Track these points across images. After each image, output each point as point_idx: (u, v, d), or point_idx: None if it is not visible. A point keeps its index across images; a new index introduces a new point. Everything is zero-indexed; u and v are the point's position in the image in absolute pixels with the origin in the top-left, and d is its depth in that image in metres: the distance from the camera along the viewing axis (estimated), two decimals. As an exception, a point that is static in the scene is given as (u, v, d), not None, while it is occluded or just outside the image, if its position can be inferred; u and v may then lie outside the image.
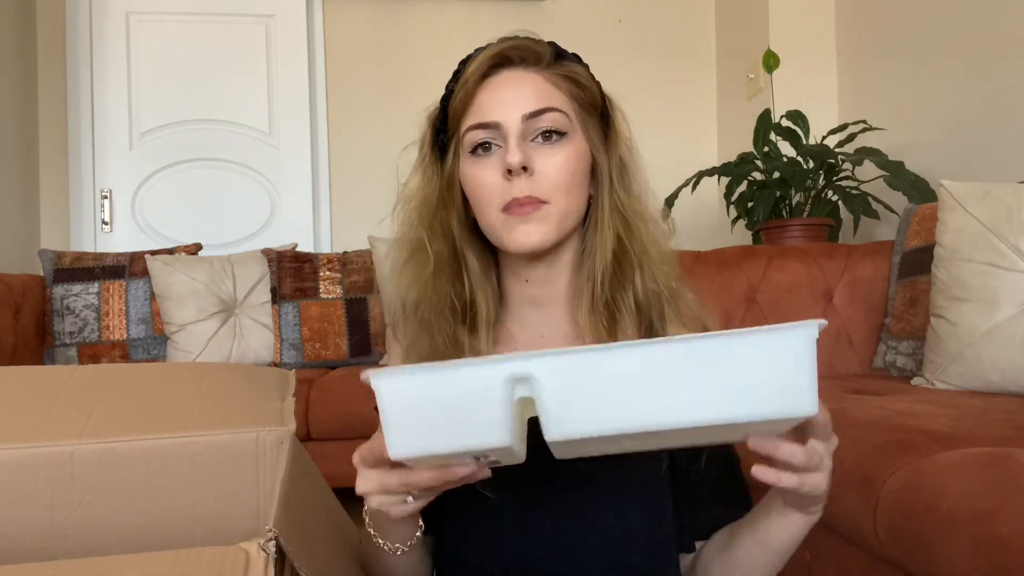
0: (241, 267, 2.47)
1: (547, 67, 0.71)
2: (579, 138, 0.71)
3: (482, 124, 0.69)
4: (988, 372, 1.39)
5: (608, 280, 0.72)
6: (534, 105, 0.68)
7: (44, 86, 2.96)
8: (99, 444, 0.69)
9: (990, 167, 2.03)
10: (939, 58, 2.25)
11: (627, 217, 0.72)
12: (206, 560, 0.46)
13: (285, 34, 3.11)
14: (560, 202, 0.69)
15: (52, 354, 2.34)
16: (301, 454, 0.74)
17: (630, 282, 0.72)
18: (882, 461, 1.00)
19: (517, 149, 0.67)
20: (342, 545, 0.73)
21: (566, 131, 0.69)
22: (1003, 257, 1.40)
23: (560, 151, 0.69)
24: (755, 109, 2.68)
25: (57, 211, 2.98)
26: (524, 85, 0.69)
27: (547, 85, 0.70)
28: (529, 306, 0.76)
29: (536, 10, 3.16)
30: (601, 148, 0.73)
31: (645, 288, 0.72)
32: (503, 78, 0.70)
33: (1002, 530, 0.77)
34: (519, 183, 0.67)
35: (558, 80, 0.71)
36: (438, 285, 0.73)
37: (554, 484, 0.70)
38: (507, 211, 0.68)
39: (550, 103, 0.69)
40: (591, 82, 0.73)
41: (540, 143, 0.69)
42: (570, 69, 0.72)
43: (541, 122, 0.68)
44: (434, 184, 0.74)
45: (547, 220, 0.68)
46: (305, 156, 3.11)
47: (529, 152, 0.68)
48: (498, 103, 0.69)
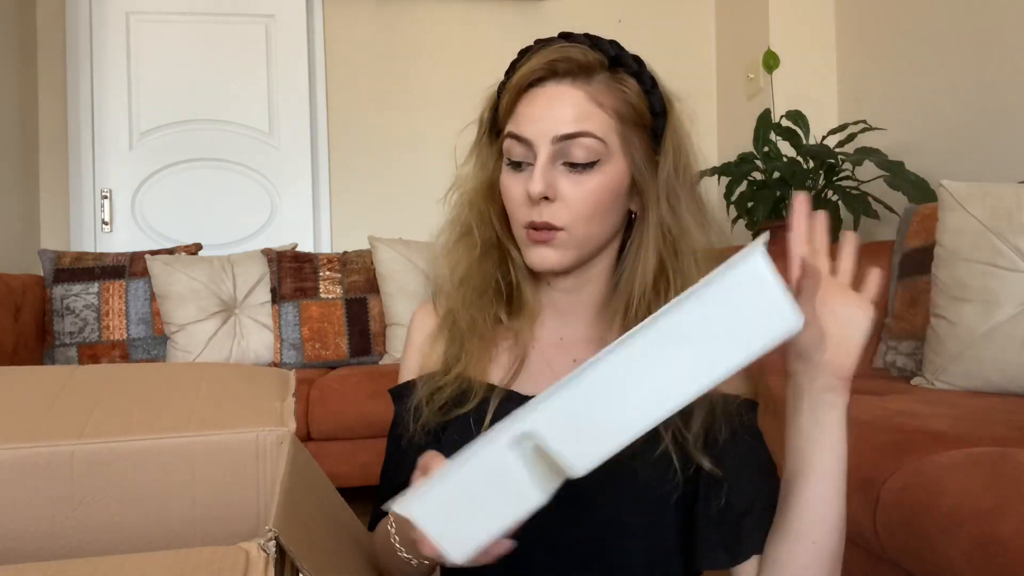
0: (241, 267, 2.47)
1: (595, 81, 0.68)
2: (616, 161, 0.68)
3: (517, 136, 0.69)
4: (988, 372, 1.39)
5: (646, 304, 0.70)
6: (567, 128, 0.66)
7: (44, 86, 2.96)
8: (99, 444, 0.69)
9: (990, 167, 2.03)
10: (939, 58, 2.25)
11: (674, 237, 0.70)
12: (206, 560, 0.46)
13: (285, 34, 3.11)
14: (579, 230, 0.68)
15: (52, 354, 2.34)
16: (301, 454, 0.74)
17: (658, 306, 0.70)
18: (882, 461, 1.00)
19: (540, 178, 0.66)
20: (347, 543, 0.73)
21: (598, 158, 0.67)
22: (1003, 257, 1.40)
23: (589, 179, 0.67)
24: (755, 109, 2.68)
25: (57, 211, 2.98)
26: (563, 103, 0.67)
27: (588, 104, 0.67)
28: (550, 309, 0.76)
29: (536, 10, 3.16)
30: (645, 167, 0.70)
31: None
32: (546, 92, 0.68)
33: (1002, 530, 0.77)
34: (539, 208, 0.68)
35: (604, 96, 0.68)
36: (484, 267, 0.75)
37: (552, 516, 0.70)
38: (528, 230, 0.69)
39: (584, 126, 0.66)
40: (641, 98, 0.69)
41: (569, 169, 0.67)
42: (620, 83, 0.69)
43: (572, 147, 0.67)
44: (484, 174, 0.76)
45: (564, 246, 0.69)
46: (305, 156, 3.11)
47: (554, 179, 0.67)
48: (534, 119, 0.68)
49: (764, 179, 2.38)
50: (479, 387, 0.72)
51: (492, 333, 0.75)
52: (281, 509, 0.55)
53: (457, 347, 0.75)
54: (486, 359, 0.74)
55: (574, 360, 0.73)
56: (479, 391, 0.72)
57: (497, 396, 0.72)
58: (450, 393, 0.72)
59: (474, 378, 0.73)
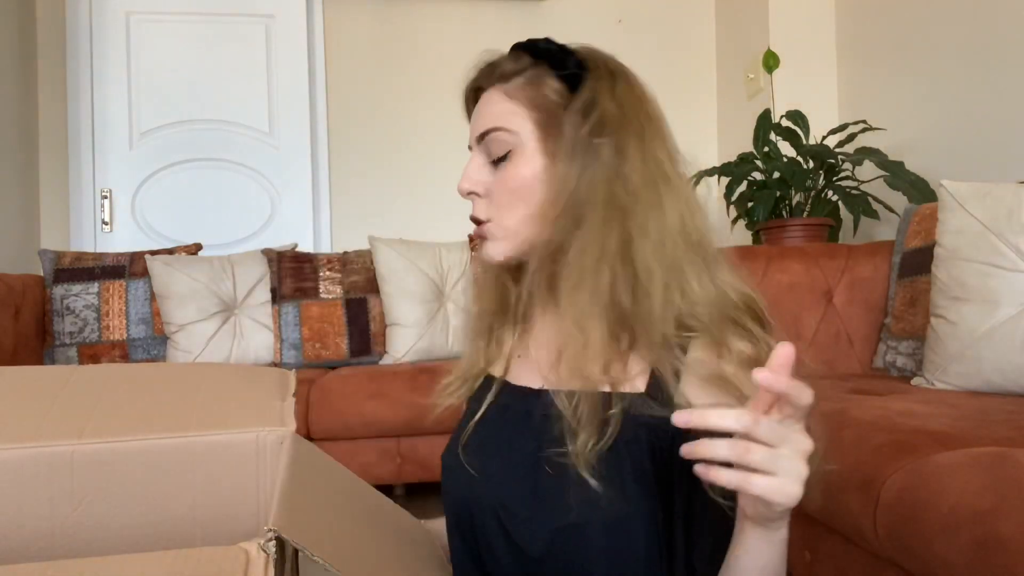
0: (241, 267, 2.47)
1: (514, 79, 0.71)
2: (532, 151, 0.69)
3: (470, 147, 0.75)
4: (988, 372, 1.39)
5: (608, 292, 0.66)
6: (481, 127, 0.71)
7: (44, 86, 2.96)
8: (99, 444, 0.69)
9: (990, 167, 2.03)
10: (939, 58, 2.25)
11: (629, 217, 0.66)
12: (206, 560, 0.46)
13: (285, 34, 3.11)
14: (503, 220, 0.71)
15: (52, 354, 2.34)
16: (305, 450, 0.74)
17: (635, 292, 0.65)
18: (882, 461, 1.00)
19: (464, 178, 0.72)
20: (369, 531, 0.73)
21: (510, 148, 0.70)
22: (1003, 257, 1.40)
23: (504, 170, 0.71)
24: (755, 109, 2.68)
25: (57, 211, 2.98)
26: (484, 105, 0.72)
27: (503, 102, 0.71)
28: (541, 306, 0.77)
29: (536, 10, 3.16)
30: (578, 154, 0.67)
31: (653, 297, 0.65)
32: (480, 102, 0.74)
33: (1002, 530, 0.77)
34: (473, 203, 0.73)
35: (519, 90, 0.70)
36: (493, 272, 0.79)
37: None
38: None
39: (493, 123, 0.70)
40: (559, 88, 0.68)
41: (494, 166, 0.71)
42: (540, 76, 0.69)
43: (489, 145, 0.71)
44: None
45: (494, 239, 0.72)
46: (305, 156, 3.11)
47: (478, 175, 0.72)
48: (471, 127, 0.74)
49: (764, 179, 2.38)
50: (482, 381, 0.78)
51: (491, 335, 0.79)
52: (281, 508, 0.55)
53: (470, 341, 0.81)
54: (495, 352, 0.78)
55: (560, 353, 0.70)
56: (482, 385, 0.78)
57: (497, 389, 0.76)
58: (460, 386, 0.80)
59: (477, 374, 0.79)
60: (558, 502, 0.65)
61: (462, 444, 0.75)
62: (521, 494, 0.68)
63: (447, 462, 0.78)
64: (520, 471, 0.69)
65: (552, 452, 0.65)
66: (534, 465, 0.68)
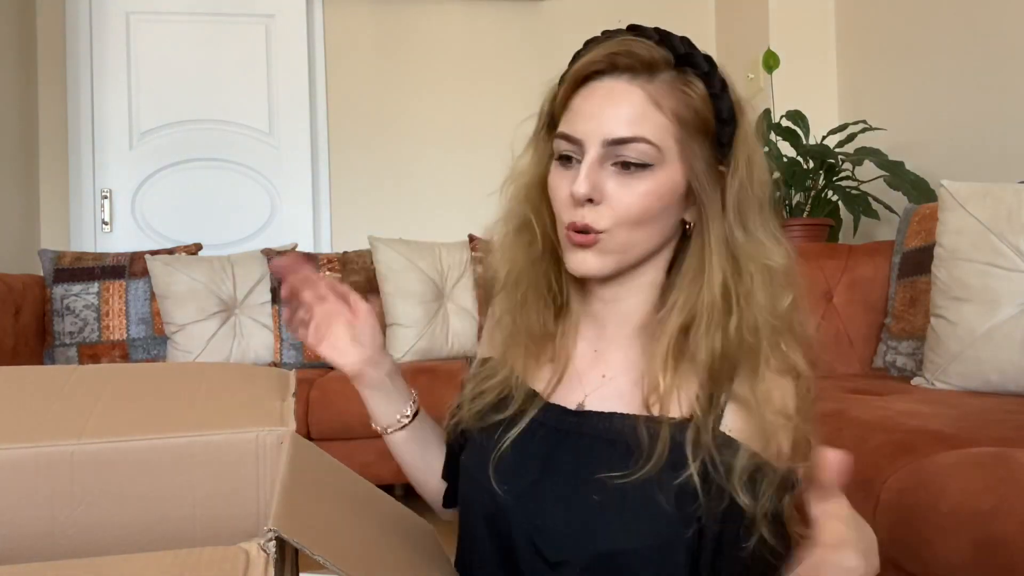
0: (241, 267, 2.47)
1: (657, 80, 0.64)
2: (672, 167, 0.64)
3: (567, 136, 0.66)
4: (988, 372, 1.39)
5: (715, 325, 0.65)
6: (621, 131, 0.63)
7: (44, 86, 2.96)
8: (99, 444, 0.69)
9: (990, 167, 2.03)
10: (939, 58, 2.25)
11: (737, 256, 0.65)
12: (206, 560, 0.46)
13: (285, 34, 3.11)
14: (621, 236, 0.65)
15: (52, 354, 2.34)
16: (305, 450, 0.74)
17: (721, 328, 0.64)
18: (882, 461, 1.00)
19: (585, 179, 0.63)
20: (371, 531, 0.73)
21: (652, 162, 0.63)
22: (1003, 257, 1.40)
23: (639, 183, 0.64)
24: (755, 109, 2.68)
25: (57, 211, 2.98)
26: (619, 102, 0.64)
27: (646, 105, 0.63)
28: (589, 319, 0.73)
29: (536, 10, 3.16)
30: (705, 176, 0.65)
31: (739, 338, 0.64)
32: (602, 87, 0.65)
33: (1002, 530, 0.77)
34: (582, 210, 0.65)
35: (665, 97, 0.64)
36: (539, 267, 0.72)
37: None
38: (569, 230, 0.66)
39: (639, 131, 0.63)
40: (707, 102, 0.65)
41: (619, 170, 0.64)
42: (686, 84, 0.65)
43: (625, 150, 0.63)
44: (539, 169, 0.72)
45: (603, 252, 0.66)
46: (305, 156, 3.11)
47: (601, 180, 0.64)
48: (587, 117, 0.65)
49: (764, 179, 2.38)
50: (519, 394, 0.71)
51: (540, 339, 0.72)
52: (281, 508, 0.55)
53: (507, 349, 0.73)
54: (533, 365, 0.72)
55: (603, 376, 0.71)
56: (519, 399, 0.71)
57: (536, 406, 0.70)
58: (491, 399, 0.72)
59: (516, 385, 0.71)
60: (602, 527, 0.64)
61: (497, 457, 0.70)
62: (560, 516, 0.66)
63: (474, 473, 0.72)
64: (559, 492, 0.67)
65: (608, 476, 0.63)
66: (576, 488, 0.66)
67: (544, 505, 0.66)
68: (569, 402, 0.70)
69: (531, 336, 0.72)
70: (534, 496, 0.67)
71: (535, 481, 0.68)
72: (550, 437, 0.69)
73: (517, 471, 0.69)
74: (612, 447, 0.66)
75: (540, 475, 0.68)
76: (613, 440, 0.66)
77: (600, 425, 0.67)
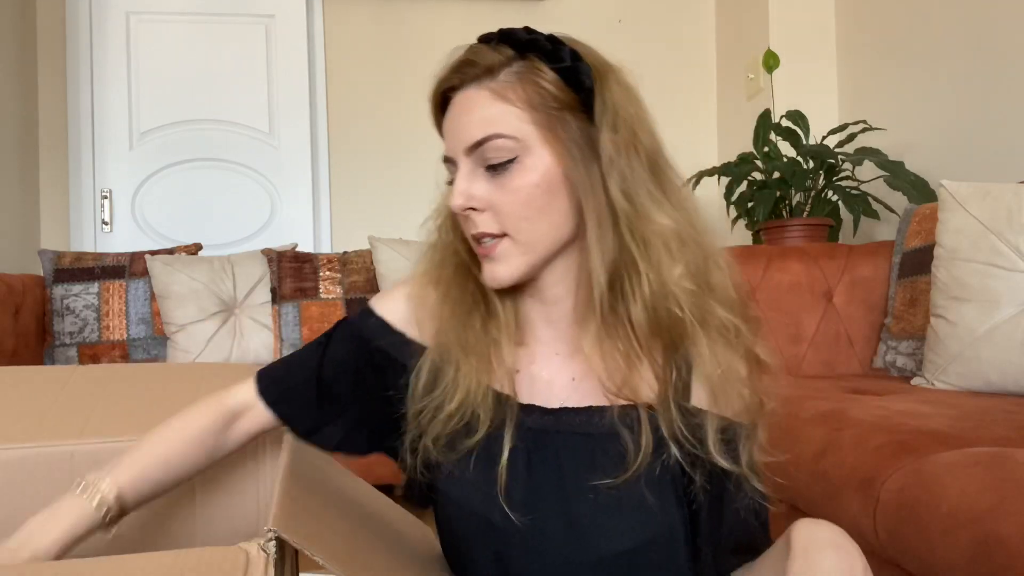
0: (241, 267, 2.47)
1: (501, 76, 0.63)
2: (538, 154, 0.63)
3: (445, 158, 0.67)
4: (988, 372, 1.39)
5: (608, 304, 0.65)
6: (475, 134, 0.63)
7: (44, 86, 2.96)
8: (99, 444, 0.69)
9: (990, 167, 2.03)
10: (939, 58, 2.25)
11: (622, 228, 0.63)
12: (206, 560, 0.46)
13: (285, 34, 3.11)
14: (522, 232, 0.64)
15: (52, 354, 2.34)
16: (304, 451, 0.74)
17: (631, 304, 0.64)
18: (882, 461, 1.00)
19: (458, 193, 0.64)
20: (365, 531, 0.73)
21: (513, 155, 0.62)
22: (1003, 257, 1.40)
23: (510, 179, 0.63)
24: (755, 109, 2.68)
25: (57, 211, 2.98)
26: (469, 108, 0.64)
27: (493, 102, 0.63)
28: (542, 322, 0.71)
29: (536, 10, 3.16)
30: (583, 151, 0.63)
31: (655, 311, 0.63)
32: (456, 102, 0.65)
33: (1002, 530, 0.77)
34: (473, 220, 0.64)
35: (511, 89, 0.63)
36: (466, 286, 0.71)
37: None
38: (474, 244, 0.66)
39: (491, 128, 0.62)
40: (557, 80, 0.63)
41: (490, 173, 0.63)
42: (532, 71, 0.63)
43: (485, 152, 0.63)
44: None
45: (509, 255, 0.65)
46: (305, 156, 3.11)
47: (474, 188, 0.64)
48: (451, 134, 0.66)
49: (764, 179, 2.38)
50: (485, 410, 0.66)
51: (486, 351, 0.68)
52: (280, 509, 0.55)
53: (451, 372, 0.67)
54: (486, 378, 0.67)
55: (572, 379, 0.69)
56: (487, 415, 0.66)
57: (510, 417, 0.66)
58: (454, 426, 0.66)
59: (478, 402, 0.66)
60: (605, 529, 0.63)
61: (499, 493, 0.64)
62: (560, 531, 0.65)
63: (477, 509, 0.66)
64: (557, 508, 0.65)
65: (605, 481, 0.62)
66: (571, 496, 0.64)
67: (545, 525, 0.65)
68: (542, 401, 0.68)
69: (473, 350, 0.68)
70: (536, 521, 0.65)
71: (535, 503, 0.65)
72: (535, 445, 0.66)
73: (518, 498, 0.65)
74: (596, 442, 0.65)
75: (537, 495, 0.65)
76: (593, 434, 0.65)
77: (577, 420, 0.66)
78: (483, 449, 0.66)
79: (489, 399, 0.67)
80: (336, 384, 0.72)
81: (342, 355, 0.73)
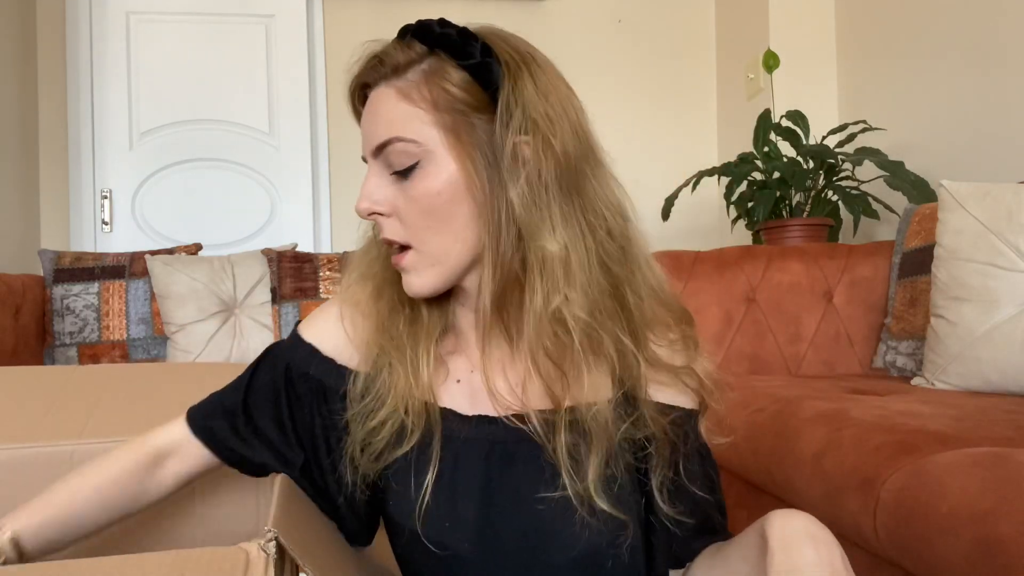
0: (241, 267, 2.47)
1: (409, 74, 0.60)
2: (442, 159, 0.59)
3: (363, 157, 0.65)
4: (988, 372, 1.39)
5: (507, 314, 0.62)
6: (379, 136, 0.61)
7: (44, 86, 2.96)
8: (99, 444, 0.69)
9: (990, 167, 2.03)
10: (939, 58, 2.25)
11: (528, 235, 0.59)
12: (206, 560, 0.46)
13: (285, 34, 3.11)
14: (426, 244, 0.61)
15: (52, 354, 2.34)
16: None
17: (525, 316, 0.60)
18: (882, 461, 1.00)
19: (362, 195, 0.62)
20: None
21: (415, 161, 0.59)
22: (1003, 257, 1.40)
23: (413, 186, 0.60)
24: (755, 109, 2.68)
25: (57, 211, 2.98)
26: (376, 109, 0.61)
27: (397, 103, 0.59)
28: (471, 328, 0.68)
29: (536, 10, 3.16)
30: (483, 159, 0.59)
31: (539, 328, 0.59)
32: (369, 102, 0.63)
33: (1002, 530, 0.77)
34: (380, 223, 0.62)
35: (415, 88, 0.59)
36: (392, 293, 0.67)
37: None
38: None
39: (393, 131, 0.59)
40: (465, 78, 0.59)
41: (396, 177, 0.61)
42: (439, 69, 0.59)
43: (388, 156, 0.61)
44: None
45: (418, 267, 0.62)
46: (305, 156, 3.11)
47: (380, 193, 0.61)
48: (363, 136, 0.63)
49: (764, 179, 2.38)
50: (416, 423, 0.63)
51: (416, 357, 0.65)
52: (280, 509, 0.55)
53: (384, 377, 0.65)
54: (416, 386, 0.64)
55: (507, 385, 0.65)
56: (417, 422, 0.63)
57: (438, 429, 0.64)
58: (385, 435, 0.63)
59: (406, 414, 0.63)
60: (559, 536, 0.61)
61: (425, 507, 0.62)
62: (511, 538, 0.62)
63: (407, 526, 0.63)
64: (506, 513, 0.63)
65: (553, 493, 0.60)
66: (521, 503, 0.62)
67: (491, 529, 0.62)
68: (475, 409, 0.66)
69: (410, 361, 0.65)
70: (481, 538, 0.62)
71: (474, 519, 0.62)
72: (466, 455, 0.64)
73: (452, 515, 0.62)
74: (531, 449, 0.63)
75: (477, 509, 0.62)
76: (528, 441, 0.63)
77: (511, 428, 0.63)
78: (414, 460, 0.64)
79: (418, 408, 0.63)
80: (260, 411, 0.68)
81: (268, 382, 0.69)
